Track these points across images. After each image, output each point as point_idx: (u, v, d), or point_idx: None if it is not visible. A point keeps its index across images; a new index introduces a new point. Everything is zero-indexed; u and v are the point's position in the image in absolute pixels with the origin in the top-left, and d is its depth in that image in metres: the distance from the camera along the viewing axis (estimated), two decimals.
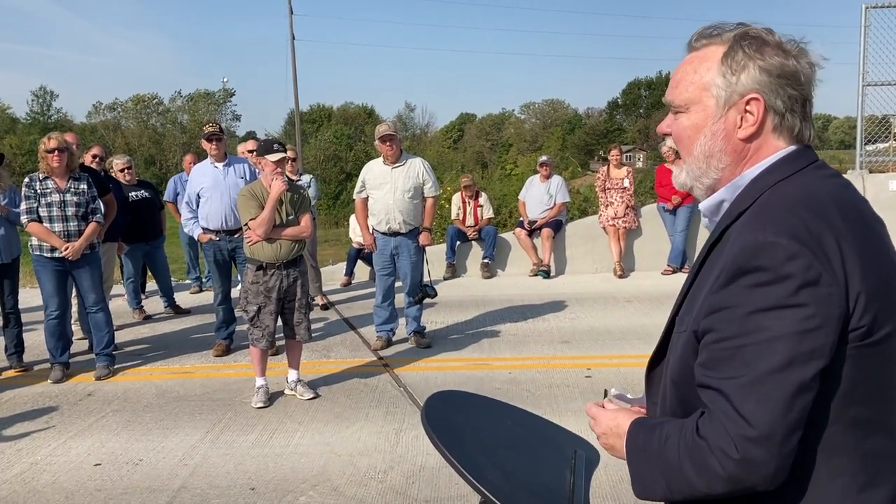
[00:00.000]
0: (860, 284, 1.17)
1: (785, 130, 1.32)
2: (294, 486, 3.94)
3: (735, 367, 1.17)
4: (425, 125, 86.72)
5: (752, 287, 1.17)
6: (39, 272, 5.83)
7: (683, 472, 1.21)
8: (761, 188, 1.30)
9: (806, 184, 1.28)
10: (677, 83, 1.40)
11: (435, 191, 6.56)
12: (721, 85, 1.33)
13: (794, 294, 1.14)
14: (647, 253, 10.30)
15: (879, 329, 1.19)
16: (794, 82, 1.30)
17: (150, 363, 6.37)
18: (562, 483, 1.66)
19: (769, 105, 1.31)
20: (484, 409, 1.90)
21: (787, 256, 1.15)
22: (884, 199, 9.50)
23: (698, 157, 1.38)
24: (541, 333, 6.95)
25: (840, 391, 1.20)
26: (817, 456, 1.22)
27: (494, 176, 37.99)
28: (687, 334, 1.30)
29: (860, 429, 1.22)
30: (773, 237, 1.17)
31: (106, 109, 68.48)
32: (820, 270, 1.15)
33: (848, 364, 1.19)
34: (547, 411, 4.75)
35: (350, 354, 6.43)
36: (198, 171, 6.70)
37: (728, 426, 1.16)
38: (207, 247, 6.56)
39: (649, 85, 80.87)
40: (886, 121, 10.56)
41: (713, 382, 1.20)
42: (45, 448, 4.57)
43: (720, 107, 1.34)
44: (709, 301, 1.24)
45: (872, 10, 9.89)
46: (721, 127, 1.34)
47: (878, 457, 1.24)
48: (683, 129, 1.39)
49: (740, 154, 1.34)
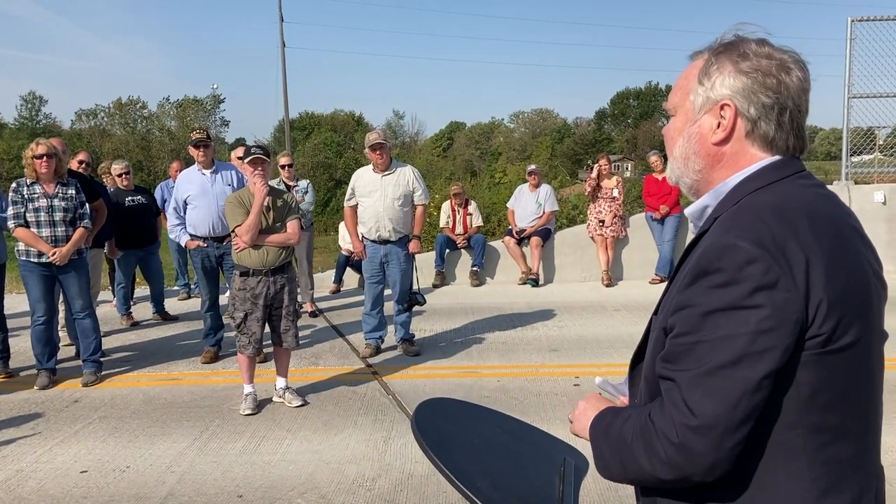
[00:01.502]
0: (823, 292, 1.19)
1: (758, 138, 1.35)
2: (282, 493, 3.93)
3: (688, 361, 1.22)
4: (415, 133, 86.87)
5: (711, 287, 1.21)
6: (26, 277, 5.80)
7: (633, 452, 1.27)
8: (741, 195, 1.33)
9: (783, 192, 1.30)
10: (674, 89, 1.46)
11: (425, 199, 6.57)
12: (699, 91, 1.38)
13: (750, 296, 1.17)
14: (636, 262, 10.35)
15: (841, 337, 1.21)
16: (769, 90, 1.32)
17: (138, 370, 6.34)
18: (551, 490, 1.67)
19: (741, 111, 1.34)
20: (473, 417, 1.90)
21: (746, 260, 1.18)
22: (869, 211, 9.59)
23: (678, 157, 1.44)
24: (529, 342, 6.96)
25: (799, 396, 1.22)
26: (776, 458, 1.24)
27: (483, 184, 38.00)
28: (657, 332, 1.35)
29: (823, 435, 1.24)
30: (734, 240, 1.21)
31: (87, 115, 67.91)
32: (778, 275, 1.17)
33: (807, 370, 1.21)
34: (535, 419, 4.76)
35: (339, 362, 6.42)
36: (185, 178, 6.66)
37: (674, 413, 1.21)
38: (195, 253, 6.54)
39: (638, 95, 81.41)
40: (871, 132, 10.67)
41: (668, 374, 1.25)
42: (31, 455, 4.53)
43: (696, 111, 1.39)
44: (675, 300, 1.28)
45: (858, 23, 10.01)
46: (696, 130, 1.40)
47: (842, 464, 1.26)
48: (668, 131, 1.48)
49: (714, 158, 1.38)
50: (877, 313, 1.29)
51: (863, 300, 1.25)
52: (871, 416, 1.31)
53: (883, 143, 10.95)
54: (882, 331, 1.33)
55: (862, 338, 1.24)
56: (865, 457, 1.30)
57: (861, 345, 1.24)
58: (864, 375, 1.28)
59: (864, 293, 1.26)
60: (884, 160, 10.93)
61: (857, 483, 1.27)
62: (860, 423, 1.28)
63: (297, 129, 62.81)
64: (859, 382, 1.27)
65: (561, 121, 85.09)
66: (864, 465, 1.30)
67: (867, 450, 1.30)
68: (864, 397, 1.28)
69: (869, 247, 1.34)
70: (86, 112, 67.95)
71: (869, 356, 1.28)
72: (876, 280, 1.30)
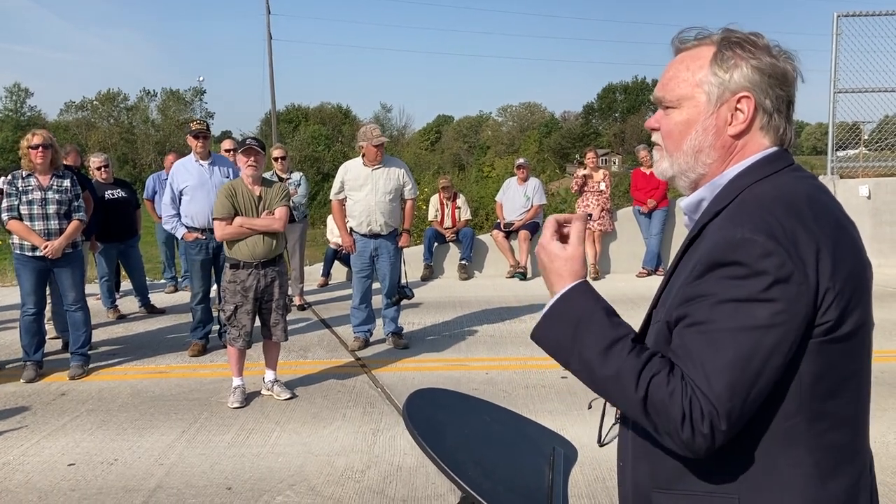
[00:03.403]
0: (829, 281, 1.22)
1: (772, 130, 1.37)
2: (271, 485, 3.93)
3: (706, 351, 1.22)
4: (403, 126, 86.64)
5: (727, 279, 1.22)
6: (20, 270, 5.77)
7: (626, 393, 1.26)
8: (739, 188, 1.34)
9: (781, 185, 1.32)
10: (668, 80, 1.42)
11: (414, 193, 6.59)
12: (714, 82, 1.36)
13: (767, 289, 1.19)
14: (623, 255, 10.39)
15: (844, 325, 1.24)
16: (783, 83, 1.35)
17: (125, 363, 6.32)
18: (540, 479, 1.69)
19: (759, 103, 1.35)
20: (464, 407, 1.92)
21: (763, 253, 1.20)
22: (854, 205, 9.67)
23: (687, 151, 1.41)
24: (517, 334, 6.99)
25: (803, 384, 1.25)
26: (778, 445, 1.27)
27: (472, 178, 38.02)
28: (660, 325, 1.36)
29: (823, 421, 1.27)
30: (749, 234, 1.22)
31: (75, 108, 67.35)
32: (792, 269, 1.20)
33: (811, 358, 1.24)
34: (524, 411, 4.76)
35: (327, 355, 6.42)
36: (182, 168, 6.58)
37: (694, 398, 1.20)
38: (192, 245, 6.50)
39: (625, 89, 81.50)
40: (857, 127, 10.75)
41: (682, 363, 1.24)
42: (18, 448, 4.51)
43: (712, 103, 1.37)
44: (683, 292, 1.29)
45: (844, 19, 10.07)
46: (713, 123, 1.38)
47: (841, 449, 1.29)
48: (675, 125, 1.42)
49: (728, 150, 1.39)
50: (870, 301, 1.33)
51: (862, 288, 1.28)
52: (865, 401, 1.34)
53: (868, 138, 11.03)
54: (872, 318, 1.36)
55: (862, 325, 1.28)
56: (860, 441, 1.34)
57: (861, 333, 1.28)
58: (862, 362, 1.31)
59: (863, 281, 1.29)
60: (869, 155, 11.01)
61: (854, 467, 1.31)
62: (857, 409, 1.32)
63: (283, 122, 62.47)
64: (857, 369, 1.30)
65: (549, 115, 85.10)
66: (860, 449, 1.34)
67: (862, 435, 1.34)
68: (861, 383, 1.32)
69: (859, 236, 1.37)
70: (75, 104, 67.52)
71: (866, 344, 1.32)
72: (869, 268, 1.34)
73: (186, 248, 6.68)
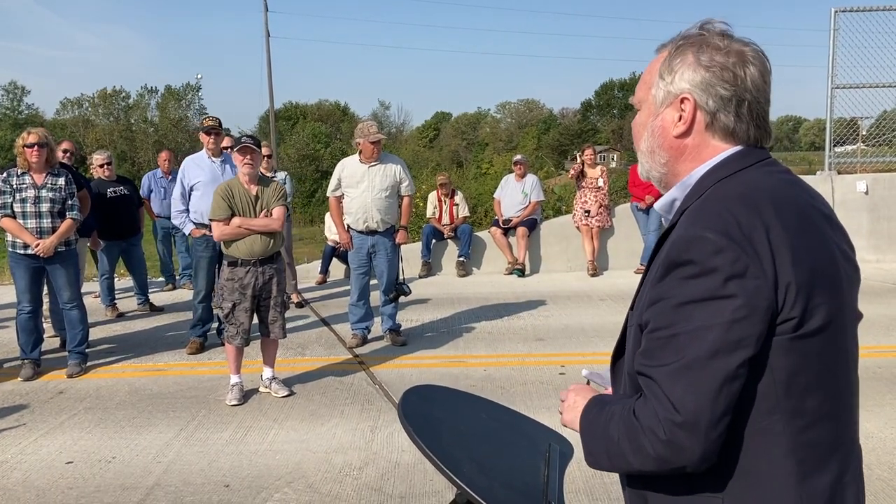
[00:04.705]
0: (790, 276, 1.21)
1: (718, 129, 1.37)
2: (269, 483, 3.93)
3: (667, 355, 1.23)
4: (401, 123, 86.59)
5: (683, 279, 1.23)
6: (14, 268, 5.76)
7: (621, 448, 1.28)
8: (706, 186, 1.35)
9: (747, 180, 1.32)
10: (639, 83, 1.49)
11: (411, 189, 6.58)
12: (660, 85, 1.40)
13: (723, 286, 1.19)
14: (621, 252, 10.40)
15: (812, 320, 1.23)
16: (727, 83, 1.34)
17: (123, 361, 6.31)
18: (536, 476, 1.69)
19: (700, 104, 1.36)
20: (460, 404, 1.92)
21: (714, 250, 1.20)
22: (851, 201, 9.67)
23: (644, 151, 1.46)
24: (515, 331, 6.99)
25: (776, 382, 1.24)
26: (757, 445, 1.26)
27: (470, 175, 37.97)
28: (634, 328, 1.36)
29: (801, 418, 1.26)
30: (701, 231, 1.23)
31: (73, 105, 67.15)
32: (747, 263, 1.19)
33: (782, 355, 1.23)
34: (521, 408, 4.77)
35: (325, 352, 6.42)
36: (194, 164, 6.55)
37: (658, 410, 1.21)
38: (199, 242, 6.46)
39: (623, 86, 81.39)
40: (855, 123, 10.75)
41: (646, 370, 1.26)
42: (16, 446, 4.51)
43: (657, 105, 1.41)
44: (649, 294, 1.30)
45: (841, 14, 10.08)
46: (658, 124, 1.42)
47: (822, 445, 1.28)
48: (635, 126, 1.50)
49: (678, 150, 1.40)
50: (847, 294, 1.31)
51: (831, 282, 1.27)
52: (847, 396, 1.33)
53: (866, 134, 11.03)
54: (855, 310, 1.35)
55: (833, 320, 1.26)
56: (844, 436, 1.32)
57: (833, 327, 1.26)
58: (839, 357, 1.30)
59: (831, 275, 1.28)
60: (867, 150, 11.01)
61: (836, 463, 1.30)
62: (837, 404, 1.30)
63: (282, 120, 62.37)
64: (834, 364, 1.29)
65: (547, 111, 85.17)
66: (842, 444, 1.32)
67: (845, 429, 1.33)
68: (840, 378, 1.30)
69: (838, 229, 1.36)
70: (71, 101, 67.28)
71: (843, 338, 1.30)
72: (845, 262, 1.32)
73: (193, 244, 6.65)
